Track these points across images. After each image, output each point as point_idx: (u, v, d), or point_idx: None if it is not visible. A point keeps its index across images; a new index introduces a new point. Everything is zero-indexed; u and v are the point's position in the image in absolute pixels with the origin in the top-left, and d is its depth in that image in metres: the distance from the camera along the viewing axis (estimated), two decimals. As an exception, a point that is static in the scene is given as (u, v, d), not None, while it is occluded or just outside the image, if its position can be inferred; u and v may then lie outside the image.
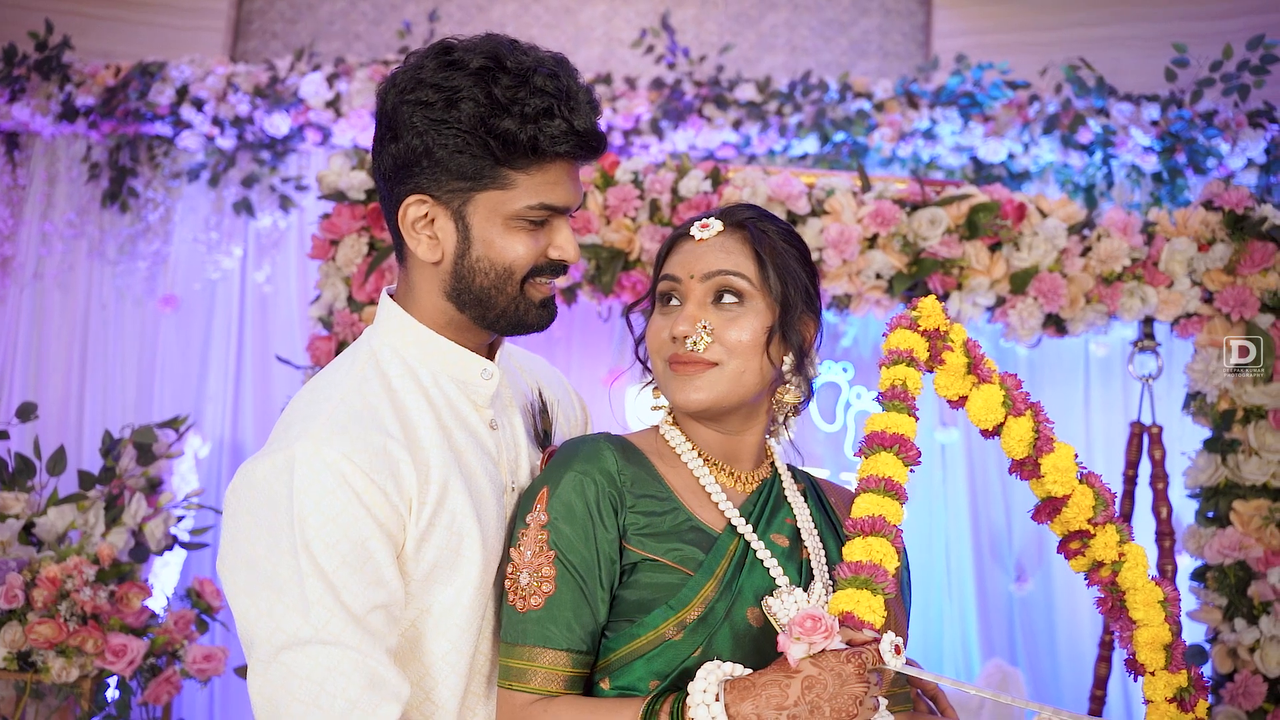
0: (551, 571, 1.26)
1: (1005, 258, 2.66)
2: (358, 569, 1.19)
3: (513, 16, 4.71)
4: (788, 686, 1.13)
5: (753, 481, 1.40)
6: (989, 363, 1.42)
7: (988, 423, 1.40)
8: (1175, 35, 4.04)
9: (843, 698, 1.12)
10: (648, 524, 1.30)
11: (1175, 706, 1.40)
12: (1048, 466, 1.40)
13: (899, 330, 1.38)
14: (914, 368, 1.35)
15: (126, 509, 2.49)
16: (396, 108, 1.27)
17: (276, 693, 1.17)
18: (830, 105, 3.90)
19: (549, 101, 1.24)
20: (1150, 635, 1.41)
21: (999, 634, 3.88)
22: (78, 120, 4.05)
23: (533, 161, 1.26)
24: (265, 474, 1.21)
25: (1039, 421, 1.41)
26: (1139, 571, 1.42)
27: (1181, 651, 1.42)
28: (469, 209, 1.28)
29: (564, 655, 1.26)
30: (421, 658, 1.28)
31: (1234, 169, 3.80)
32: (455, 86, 1.23)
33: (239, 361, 4.14)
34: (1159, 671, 1.41)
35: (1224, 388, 2.66)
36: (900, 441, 1.29)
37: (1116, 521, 1.43)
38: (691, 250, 1.36)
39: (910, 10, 4.78)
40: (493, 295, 1.31)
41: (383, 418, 1.27)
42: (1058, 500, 1.42)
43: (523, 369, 1.54)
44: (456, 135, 1.24)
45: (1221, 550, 2.61)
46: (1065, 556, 1.45)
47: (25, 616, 2.31)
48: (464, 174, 1.26)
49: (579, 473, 1.30)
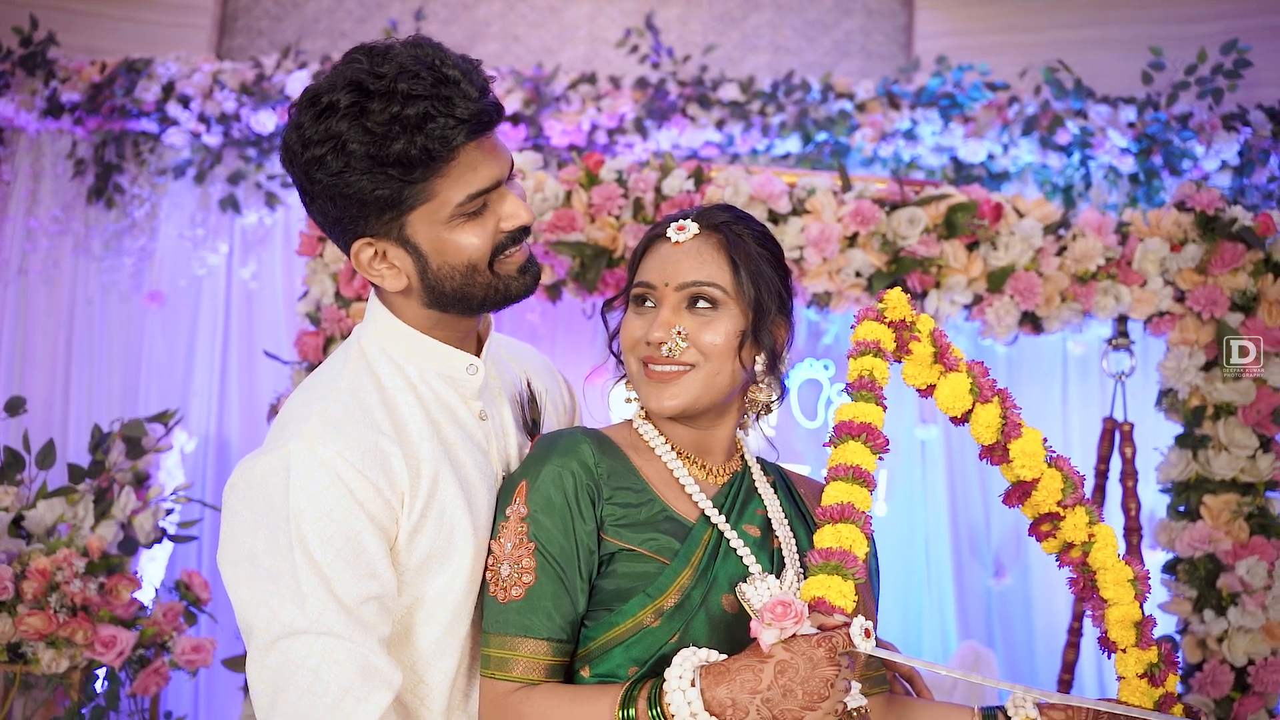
0: (532, 563, 1.29)
1: (982, 257, 2.70)
2: (351, 562, 1.23)
3: (498, 15, 4.72)
4: (761, 671, 1.17)
5: (724, 474, 1.45)
6: (956, 351, 1.46)
7: (956, 410, 1.44)
8: (1152, 39, 4.10)
9: (814, 680, 1.15)
10: (624, 515, 1.34)
11: (1146, 681, 1.44)
12: (1016, 451, 1.45)
13: (866, 322, 1.42)
14: (881, 358, 1.39)
15: (116, 502, 2.51)
16: (299, 173, 1.29)
17: (274, 680, 1.21)
18: (812, 105, 3.95)
19: (423, 105, 1.23)
20: (1121, 613, 1.45)
21: (977, 627, 3.94)
22: (63, 116, 4.04)
23: (439, 165, 1.26)
24: (263, 471, 1.25)
25: (1006, 408, 1.45)
26: (1108, 552, 1.46)
27: (1151, 628, 1.46)
28: (409, 231, 1.30)
29: (544, 644, 1.29)
30: (415, 643, 1.32)
31: (1209, 171, 3.86)
32: (335, 134, 1.23)
33: (224, 357, 4.15)
34: (1130, 648, 1.45)
35: (1195, 384, 2.72)
36: (868, 431, 1.33)
37: (1086, 503, 1.48)
38: (668, 255, 1.38)
39: (892, 11, 4.83)
40: (468, 290, 1.35)
41: (374, 415, 1.30)
42: (1027, 484, 1.46)
43: (512, 358, 1.58)
44: (359, 176, 1.25)
45: (1192, 543, 2.67)
46: (1037, 539, 1.50)
47: (15, 608, 2.33)
48: (387, 204, 1.27)
49: (557, 465, 1.33)
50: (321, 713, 1.19)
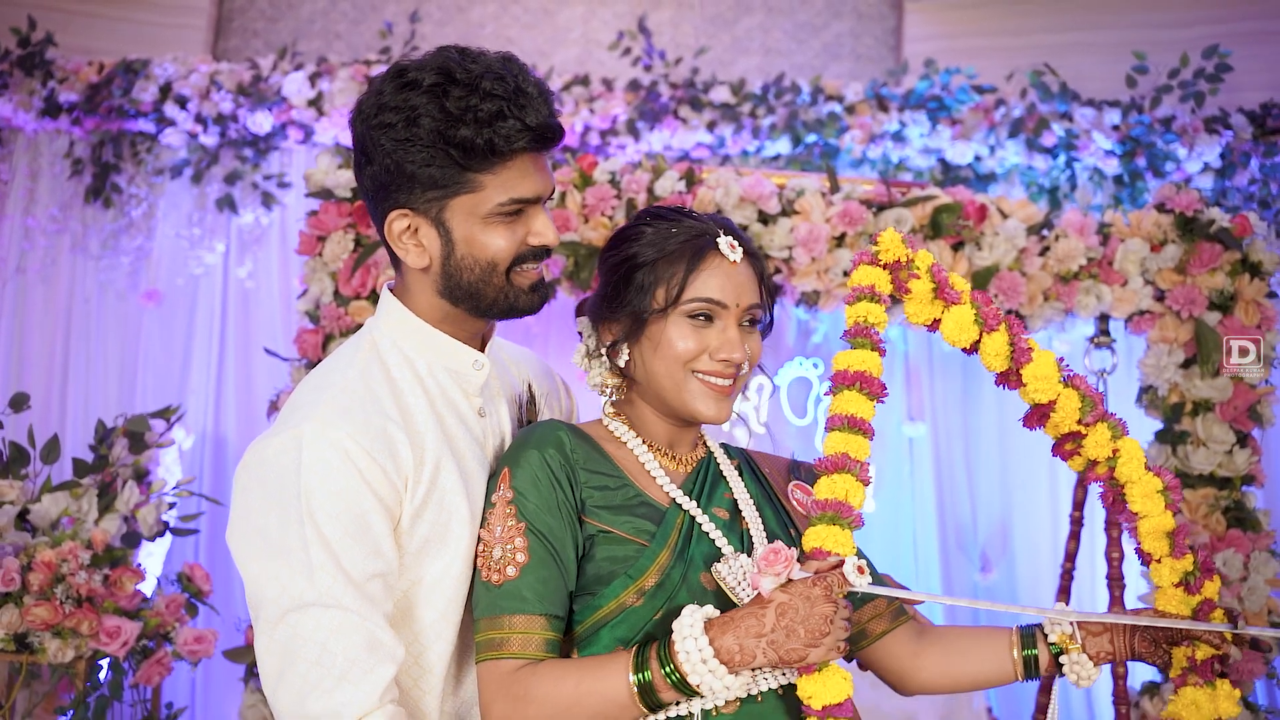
0: (524, 542, 1.33)
1: (967, 256, 2.77)
2: (358, 539, 1.27)
3: (492, 17, 4.76)
4: (763, 616, 1.23)
5: (691, 462, 1.49)
6: (957, 283, 1.45)
7: (963, 341, 1.43)
8: (1137, 43, 4.17)
9: (814, 618, 1.22)
10: (602, 498, 1.39)
11: (1182, 590, 1.43)
12: (1029, 375, 1.43)
13: (861, 267, 1.42)
14: (877, 302, 1.39)
15: (120, 496, 2.56)
16: (365, 134, 1.36)
17: (283, 652, 1.26)
18: (802, 108, 4.00)
19: (499, 104, 1.31)
20: (1151, 525, 1.44)
21: (963, 621, 4.00)
22: (61, 116, 4.08)
23: (494, 162, 1.34)
24: (275, 451, 1.30)
25: (1014, 334, 1.44)
26: (1134, 465, 1.45)
27: (1183, 536, 1.44)
28: (447, 215, 1.36)
29: (541, 619, 1.32)
30: (412, 625, 1.37)
31: (1191, 173, 3.93)
32: (412, 106, 1.31)
33: (221, 356, 4.18)
34: (1164, 558, 1.44)
35: (1174, 382, 2.78)
36: (864, 379, 1.34)
37: (1109, 418, 1.46)
38: (731, 274, 1.42)
39: (882, 14, 4.87)
40: (481, 288, 1.40)
41: (383, 402, 1.36)
42: (1044, 406, 1.46)
43: (513, 362, 1.63)
44: (421, 150, 1.32)
45: (1171, 538, 2.73)
46: (1061, 458, 1.50)
47: (22, 599, 2.38)
48: (435, 184, 1.34)
49: (536, 449, 1.39)
50: (329, 684, 1.24)
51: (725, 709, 1.32)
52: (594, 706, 1.27)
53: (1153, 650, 1.44)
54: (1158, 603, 1.45)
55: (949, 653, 1.52)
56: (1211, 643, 1.40)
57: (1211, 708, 1.37)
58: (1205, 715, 1.38)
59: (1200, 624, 1.38)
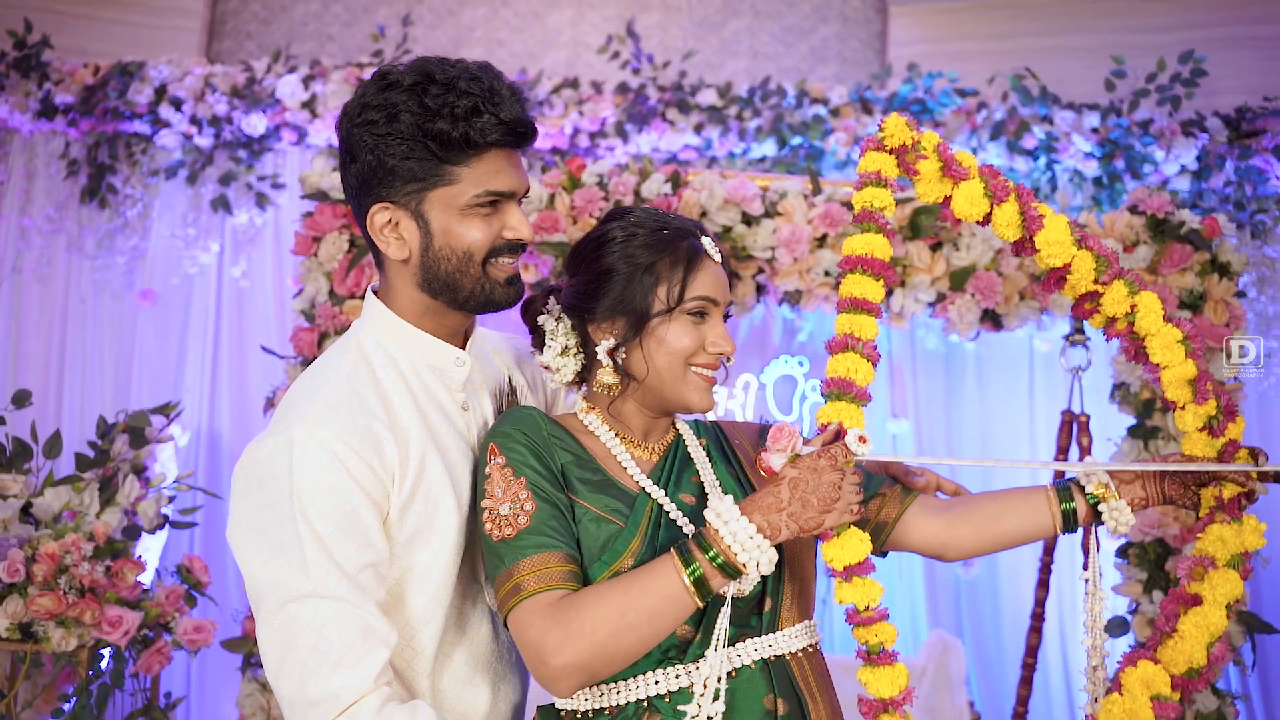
0: (528, 494, 1.41)
1: (945, 257, 2.84)
2: (349, 533, 1.35)
3: (482, 20, 4.80)
4: (779, 492, 1.33)
5: (660, 449, 1.56)
6: (965, 159, 1.48)
7: (975, 215, 1.47)
8: (1118, 47, 4.24)
9: (823, 487, 1.32)
10: (579, 474, 1.47)
11: (1206, 434, 1.47)
12: (1042, 241, 1.47)
13: (868, 153, 1.45)
14: (884, 187, 1.44)
15: (121, 489, 2.62)
16: (349, 133, 1.44)
17: (282, 640, 1.33)
18: (788, 110, 4.05)
19: (474, 101, 1.40)
20: (1173, 374, 1.47)
21: (946, 615, 4.07)
22: (57, 118, 4.13)
23: (470, 155, 1.42)
24: (269, 453, 1.37)
25: (1024, 203, 1.47)
26: (1152, 318, 1.48)
27: (1205, 382, 1.47)
28: (425, 207, 1.44)
29: (563, 554, 1.38)
30: (404, 610, 1.44)
31: (1169, 175, 3.99)
32: (393, 103, 1.40)
33: (215, 354, 4.24)
34: (1188, 404, 1.47)
35: (1145, 379, 2.86)
36: (871, 263, 1.41)
37: (1124, 275, 1.49)
38: (716, 273, 1.51)
39: (868, 18, 4.92)
40: (458, 279, 1.47)
41: (369, 402, 1.43)
42: (1060, 270, 1.49)
43: (495, 351, 1.70)
44: (400, 144, 1.41)
45: (1142, 529, 2.81)
46: (1081, 318, 1.54)
47: (26, 590, 2.44)
48: (414, 177, 1.42)
49: (517, 424, 1.47)
50: (326, 669, 1.31)
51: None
52: (648, 609, 1.32)
53: (1182, 493, 1.50)
54: (1184, 447, 1.49)
55: (986, 516, 1.56)
56: (1237, 481, 1.45)
57: (1237, 542, 1.42)
58: (1231, 549, 1.42)
59: (1226, 465, 1.43)
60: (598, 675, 1.33)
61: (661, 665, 1.40)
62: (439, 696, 1.48)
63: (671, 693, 1.39)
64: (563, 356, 1.56)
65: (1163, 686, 1.39)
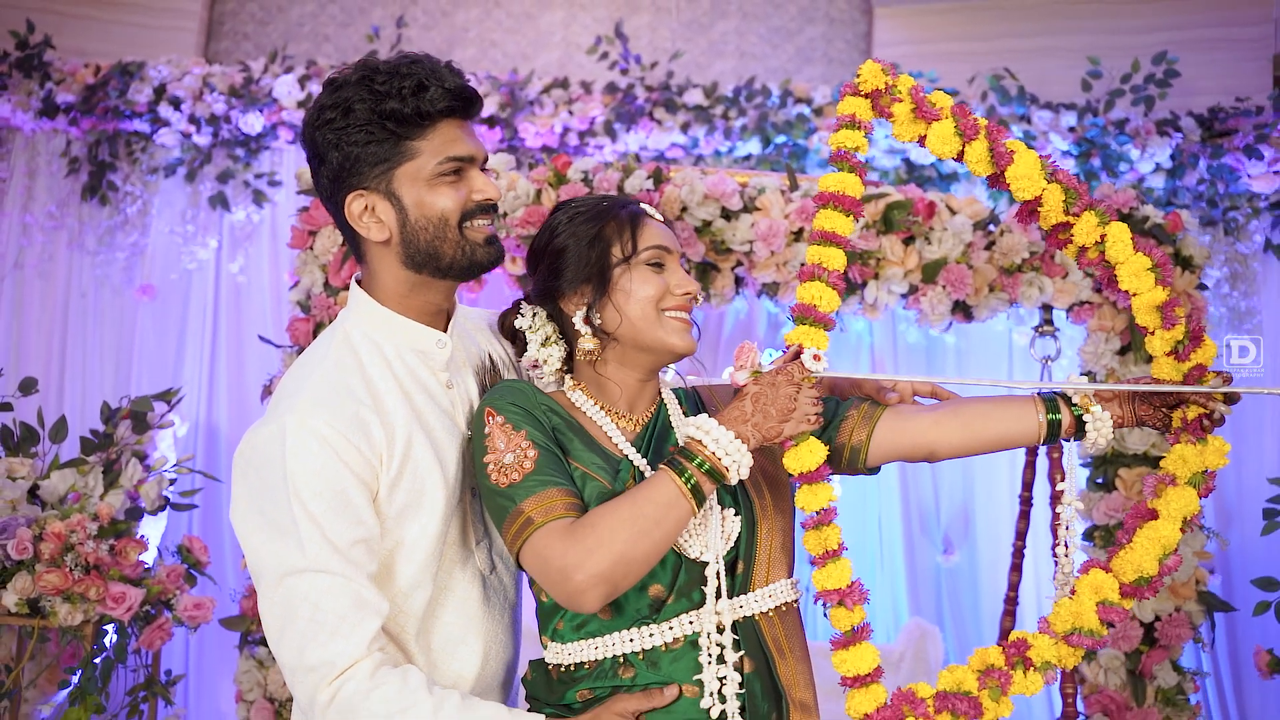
0: (528, 444, 1.50)
1: (917, 250, 2.93)
2: (340, 512, 1.45)
3: (475, 22, 4.87)
4: (743, 405, 1.46)
5: (643, 420, 1.65)
6: (937, 100, 1.54)
7: (948, 153, 1.54)
8: (1097, 48, 4.32)
9: (780, 399, 1.45)
10: (568, 435, 1.56)
11: (1173, 358, 1.52)
12: (1012, 176, 1.52)
13: (845, 98, 1.53)
14: (857, 128, 1.52)
15: (124, 472, 2.72)
16: (313, 138, 1.55)
17: (282, 612, 1.43)
18: (772, 110, 4.13)
19: (418, 78, 1.51)
20: (1143, 300, 1.52)
21: (927, 601, 4.17)
22: (58, 116, 4.22)
23: (425, 127, 1.53)
24: (264, 440, 1.47)
25: (993, 140, 1.52)
26: (1121, 246, 1.52)
27: (1172, 308, 1.51)
28: (395, 186, 1.54)
29: (567, 489, 1.47)
30: (396, 580, 1.54)
31: (1144, 173, 4.09)
32: (346, 98, 1.52)
33: (213, 347, 4.33)
34: (1157, 330, 1.52)
35: (1111, 367, 2.96)
36: (844, 199, 1.51)
37: (1094, 205, 1.53)
38: (661, 228, 1.63)
39: (853, 19, 4.99)
40: (438, 246, 1.56)
41: (355, 389, 1.52)
42: (1032, 202, 1.54)
43: (477, 330, 1.79)
44: (359, 131, 1.51)
45: (1107, 511, 2.92)
46: (1057, 248, 1.60)
47: (34, 567, 2.54)
48: (379, 159, 1.53)
49: (508, 392, 1.57)
50: (323, 637, 1.41)
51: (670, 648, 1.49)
52: (654, 515, 1.42)
53: (1152, 414, 1.56)
54: (1153, 371, 1.55)
55: (973, 415, 1.60)
56: (1199, 403, 1.52)
57: (1199, 461, 1.48)
58: (1192, 467, 1.48)
59: (1193, 388, 1.50)
60: (619, 585, 1.41)
61: (636, 625, 1.50)
62: (432, 657, 1.58)
63: (645, 650, 1.49)
64: (545, 347, 1.64)
65: (1110, 593, 1.46)
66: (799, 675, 1.56)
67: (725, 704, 1.48)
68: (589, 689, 1.51)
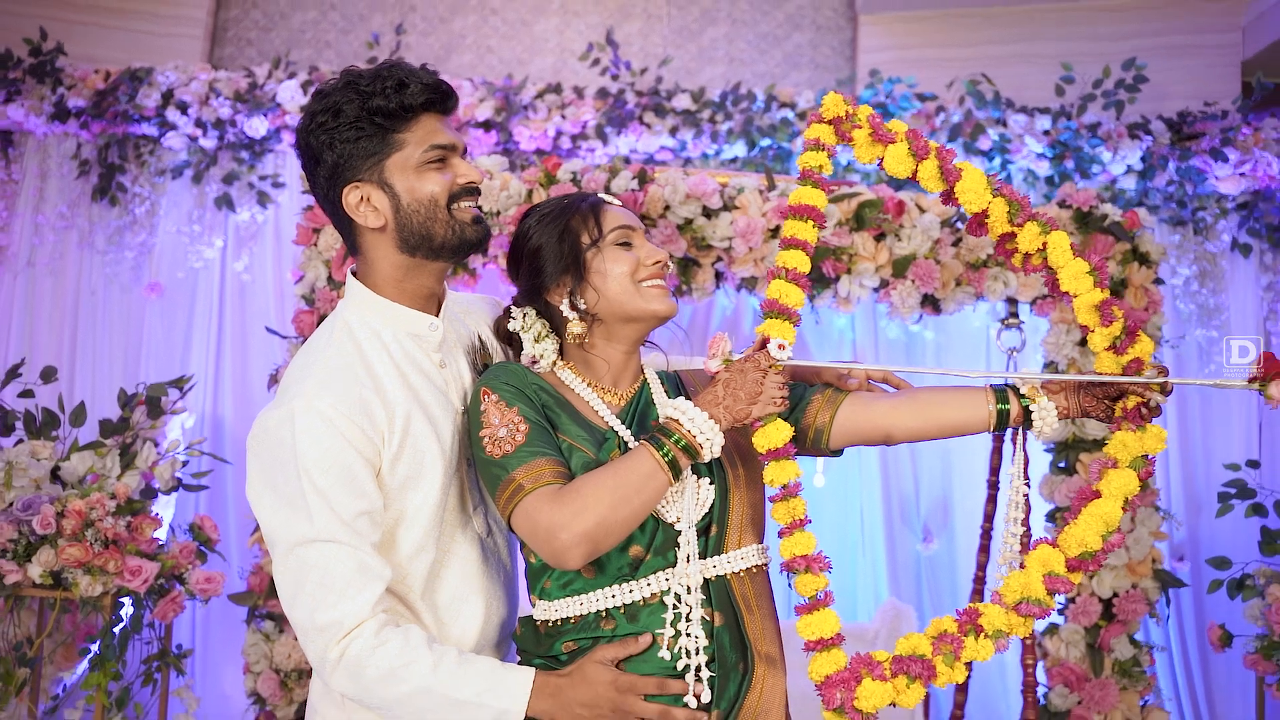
0: (520, 418, 1.64)
1: (888, 247, 3.06)
2: (345, 486, 1.59)
3: (472, 28, 4.97)
4: (715, 390, 1.61)
5: (628, 396, 1.79)
6: (893, 127, 1.69)
7: (903, 172, 1.70)
8: (1072, 55, 4.46)
9: (748, 384, 1.59)
10: (557, 412, 1.70)
11: (1112, 352, 1.63)
12: (960, 190, 1.67)
13: (812, 125, 1.71)
14: (823, 150, 1.68)
15: (140, 455, 2.88)
16: (307, 143, 1.70)
17: (294, 578, 1.58)
18: (757, 114, 4.25)
19: (399, 77, 1.66)
20: (1082, 301, 1.63)
21: (906, 587, 4.29)
22: (69, 120, 4.33)
23: (409, 120, 1.68)
24: (275, 423, 1.62)
25: (942, 160, 1.67)
26: (1061, 252, 1.65)
27: (1109, 307, 1.62)
28: (387, 175, 1.68)
29: (555, 459, 1.61)
30: (399, 548, 1.69)
31: (1115, 175, 4.22)
32: (335, 102, 1.67)
33: (219, 343, 4.44)
34: (1097, 328, 1.63)
35: (1072, 358, 3.10)
36: (810, 211, 1.67)
37: (1036, 217, 1.67)
38: (622, 210, 1.78)
39: (839, 26, 5.08)
40: (430, 226, 1.71)
41: (357, 373, 1.66)
42: (980, 214, 1.68)
43: (466, 313, 1.94)
44: (350, 129, 1.66)
45: (1069, 494, 3.05)
46: (1005, 255, 1.74)
47: (56, 542, 2.70)
48: (370, 152, 1.67)
49: (500, 370, 1.71)
50: (332, 599, 1.56)
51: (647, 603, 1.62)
52: (635, 484, 1.56)
53: (1096, 405, 1.68)
54: (1095, 365, 1.67)
55: (927, 403, 1.72)
56: (1138, 393, 1.62)
57: (1139, 446, 1.61)
58: (1132, 452, 1.62)
59: (1130, 379, 1.60)
60: (600, 546, 1.55)
61: (617, 581, 1.64)
62: (439, 614, 1.72)
63: (625, 604, 1.63)
64: (539, 342, 1.77)
65: (1057, 565, 1.57)
66: (766, 631, 1.69)
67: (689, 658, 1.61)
68: (573, 641, 1.64)
